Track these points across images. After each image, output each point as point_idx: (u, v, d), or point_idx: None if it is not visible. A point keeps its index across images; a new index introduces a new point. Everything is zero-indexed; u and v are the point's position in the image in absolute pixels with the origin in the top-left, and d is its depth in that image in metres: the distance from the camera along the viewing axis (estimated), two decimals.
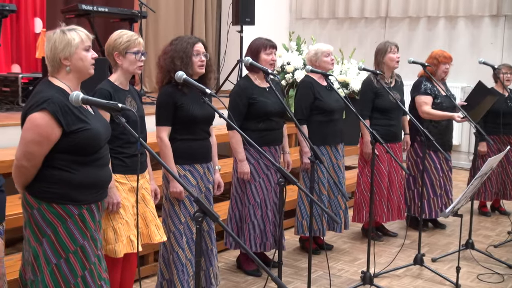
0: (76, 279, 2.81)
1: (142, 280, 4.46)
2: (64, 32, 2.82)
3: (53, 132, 2.70)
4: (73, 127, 2.73)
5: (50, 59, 2.84)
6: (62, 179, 2.77)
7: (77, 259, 2.81)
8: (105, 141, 2.91)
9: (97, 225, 2.92)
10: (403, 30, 9.33)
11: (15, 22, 8.82)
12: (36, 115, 2.70)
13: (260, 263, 2.20)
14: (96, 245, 2.89)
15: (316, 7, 9.98)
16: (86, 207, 2.83)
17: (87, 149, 2.79)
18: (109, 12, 6.96)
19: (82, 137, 2.75)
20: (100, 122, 2.89)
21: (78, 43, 2.81)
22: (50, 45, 2.83)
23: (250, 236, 4.46)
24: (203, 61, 3.76)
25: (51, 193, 2.78)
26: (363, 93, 5.40)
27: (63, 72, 2.84)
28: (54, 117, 2.69)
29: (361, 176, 5.45)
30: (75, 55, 2.81)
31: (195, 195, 2.26)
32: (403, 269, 4.81)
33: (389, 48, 5.32)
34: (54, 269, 2.79)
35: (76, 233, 2.80)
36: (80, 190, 2.80)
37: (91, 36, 2.91)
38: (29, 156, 2.74)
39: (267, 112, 4.41)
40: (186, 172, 3.79)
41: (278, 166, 3.04)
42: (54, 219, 2.78)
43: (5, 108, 5.88)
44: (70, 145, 2.75)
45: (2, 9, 5.97)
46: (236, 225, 4.54)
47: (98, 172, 2.87)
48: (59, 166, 2.77)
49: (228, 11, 8.64)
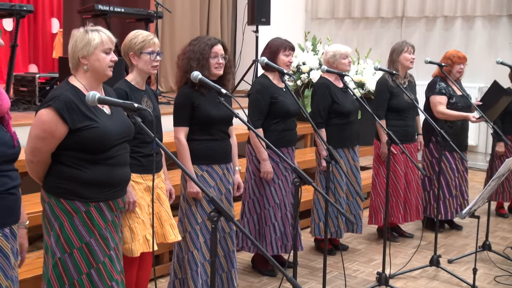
0: (81, 276, 2.82)
1: (157, 279, 4.47)
2: (87, 32, 2.85)
3: (57, 129, 2.73)
4: (79, 124, 2.75)
5: (70, 56, 2.88)
6: (70, 176, 2.80)
7: (82, 256, 2.82)
8: (119, 141, 2.90)
9: (110, 225, 2.91)
10: (419, 30, 9.27)
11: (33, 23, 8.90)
12: (42, 112, 2.75)
13: (275, 263, 2.20)
14: (107, 244, 2.88)
15: (332, 7, 9.95)
16: (94, 205, 2.84)
17: (95, 147, 2.80)
18: (125, 12, 7.00)
19: (88, 135, 2.76)
20: (115, 122, 2.89)
21: (97, 44, 2.84)
22: (72, 43, 2.87)
23: (271, 238, 4.45)
24: (220, 63, 3.75)
25: (59, 188, 2.81)
26: (379, 93, 5.37)
27: (81, 70, 2.87)
28: (59, 114, 2.72)
29: (376, 178, 5.43)
30: (93, 55, 2.84)
31: (210, 195, 2.26)
32: (419, 270, 4.79)
33: (406, 48, 5.29)
34: (58, 263, 2.81)
35: (82, 229, 2.81)
36: (88, 188, 2.81)
37: (114, 40, 2.92)
38: (35, 151, 2.78)
39: (288, 112, 4.42)
40: (203, 172, 3.79)
41: (293, 166, 3.04)
42: (61, 214, 2.81)
43: (22, 108, 5.93)
44: (77, 142, 2.77)
45: (19, 9, 6.02)
46: (255, 228, 4.53)
47: (110, 171, 2.86)
48: (68, 163, 2.80)
49: (244, 11, 8.64)
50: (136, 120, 2.43)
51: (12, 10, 6.00)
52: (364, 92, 7.32)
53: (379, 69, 4.86)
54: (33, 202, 4.00)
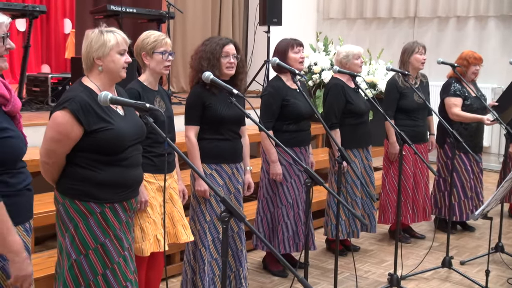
0: (96, 277, 2.82)
1: (169, 279, 4.48)
2: (102, 33, 2.86)
3: (73, 131, 2.73)
4: (94, 126, 2.75)
5: (84, 57, 2.88)
6: (85, 177, 2.80)
7: (98, 257, 2.82)
8: (133, 142, 2.91)
9: (124, 225, 2.92)
10: (432, 30, 9.23)
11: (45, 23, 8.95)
12: (57, 114, 2.74)
13: (286, 264, 2.20)
14: (121, 244, 2.89)
15: (343, 7, 9.92)
16: (109, 206, 2.84)
17: (110, 149, 2.80)
18: (137, 12, 7.02)
19: (104, 136, 2.77)
20: (128, 123, 2.89)
21: (113, 45, 2.84)
22: (87, 43, 2.87)
23: (284, 237, 4.46)
24: (232, 63, 3.76)
25: (74, 190, 2.82)
26: (388, 93, 5.37)
27: (95, 71, 2.87)
28: (75, 116, 2.72)
29: (386, 177, 5.42)
30: (108, 56, 2.84)
31: (221, 195, 2.26)
32: (431, 271, 4.76)
33: (417, 48, 5.28)
34: (73, 264, 2.82)
35: (97, 230, 2.82)
36: (103, 189, 2.82)
37: (129, 41, 2.94)
38: (50, 153, 2.79)
39: (300, 114, 4.42)
40: (212, 171, 3.80)
41: (305, 166, 3.03)
42: (76, 215, 2.82)
43: (35, 108, 5.96)
44: (92, 144, 2.77)
45: (32, 10, 6.06)
46: (268, 227, 4.54)
47: (124, 172, 2.87)
48: (82, 164, 2.80)
49: (255, 11, 8.64)
50: (148, 121, 2.43)
51: (25, 11, 6.04)
52: (376, 93, 7.29)
53: (391, 69, 4.84)
54: (45, 202, 4.03)
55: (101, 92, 2.51)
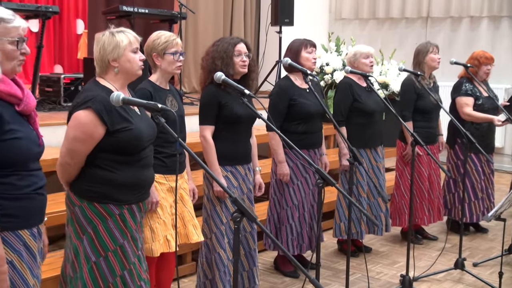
0: (115, 278, 2.82)
1: (180, 279, 4.48)
2: (113, 34, 2.86)
3: (97, 131, 2.73)
4: (117, 126, 2.75)
5: (98, 60, 2.87)
6: (104, 179, 2.80)
7: (117, 258, 2.83)
8: (149, 142, 2.92)
9: (138, 226, 2.94)
10: (444, 30, 9.17)
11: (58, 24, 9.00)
12: (80, 113, 2.73)
13: (298, 264, 2.19)
14: (136, 245, 2.90)
15: (356, 7, 9.89)
16: (127, 207, 2.85)
17: (130, 149, 2.81)
18: (149, 13, 7.03)
19: (125, 136, 2.77)
20: (144, 123, 2.90)
21: (126, 45, 2.85)
22: (99, 46, 2.86)
23: (287, 238, 4.45)
24: (245, 61, 3.76)
25: (93, 192, 2.80)
26: (405, 94, 5.31)
27: (111, 73, 2.88)
28: (98, 116, 2.71)
29: (400, 179, 5.38)
30: (123, 57, 2.84)
31: (233, 195, 2.26)
32: (444, 273, 4.73)
33: (431, 48, 5.25)
34: (93, 267, 2.81)
35: (116, 232, 2.82)
36: (122, 190, 2.82)
37: (139, 38, 2.94)
38: (72, 153, 2.77)
39: (308, 113, 4.39)
40: (228, 173, 3.79)
41: (316, 167, 3.02)
42: (95, 217, 2.81)
43: (47, 108, 5.99)
44: (113, 144, 2.77)
45: (45, 11, 6.09)
46: (275, 227, 4.54)
47: (140, 173, 2.88)
48: (102, 165, 2.80)
49: (267, 12, 8.64)
50: (160, 121, 2.43)
51: (38, 12, 6.07)
52: (388, 93, 7.26)
53: (404, 70, 4.82)
54: (56, 201, 4.04)
55: (113, 93, 2.52)
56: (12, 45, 2.29)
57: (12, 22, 2.29)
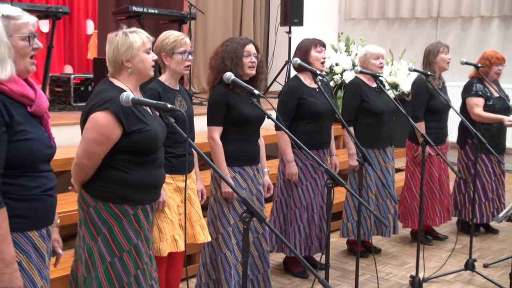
0: (129, 278, 2.83)
1: (189, 279, 4.48)
2: (127, 35, 2.86)
3: (114, 132, 2.73)
4: (134, 127, 2.76)
5: (112, 60, 2.87)
6: (119, 179, 2.80)
7: (131, 258, 2.83)
8: (162, 142, 2.94)
9: (150, 225, 2.96)
10: (455, 30, 9.14)
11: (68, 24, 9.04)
12: (98, 114, 2.72)
13: (307, 265, 2.19)
14: (148, 245, 2.92)
15: (365, 7, 9.86)
16: (141, 208, 2.86)
17: (145, 150, 2.82)
18: (159, 13, 7.04)
19: (141, 137, 2.77)
20: (158, 123, 2.91)
21: (140, 46, 2.85)
22: (113, 47, 2.86)
23: (295, 239, 4.43)
24: (253, 62, 3.75)
25: (108, 193, 2.81)
26: (417, 94, 5.27)
27: (124, 73, 2.88)
28: (116, 117, 2.71)
29: (411, 180, 5.35)
30: (137, 57, 2.85)
31: (242, 196, 2.26)
32: (454, 274, 4.71)
33: (442, 48, 5.23)
34: (108, 267, 2.82)
35: (130, 232, 2.83)
36: (137, 191, 2.83)
37: (152, 39, 2.95)
38: (90, 155, 2.77)
39: (317, 112, 4.38)
40: (236, 174, 3.79)
41: (326, 167, 3.01)
42: (110, 218, 2.81)
43: (57, 108, 6.01)
44: (129, 145, 2.77)
45: (55, 11, 6.11)
46: (280, 228, 4.52)
47: (154, 173, 2.89)
48: (117, 166, 2.80)
49: (277, 12, 8.63)
50: (170, 121, 2.43)
51: (49, 12, 6.09)
52: (398, 94, 7.24)
53: (414, 70, 4.80)
54: (67, 201, 4.05)
55: (122, 93, 2.52)
56: (24, 41, 2.30)
57: (21, 19, 2.30)
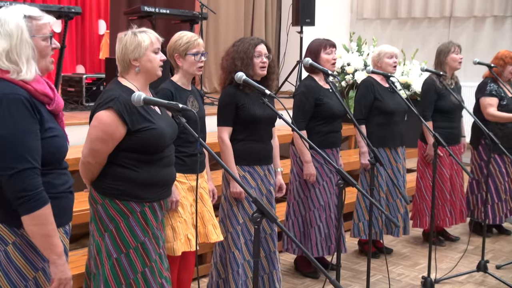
0: (136, 275, 2.85)
1: (200, 279, 4.49)
2: (135, 34, 2.88)
3: (118, 130, 2.75)
4: (138, 126, 2.78)
5: (120, 59, 2.91)
6: (126, 177, 2.82)
7: (138, 255, 2.85)
8: (170, 141, 2.95)
9: (160, 224, 2.96)
10: (467, 30, 9.08)
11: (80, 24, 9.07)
12: (102, 113, 2.76)
13: (318, 265, 2.18)
14: (158, 243, 2.93)
15: (377, 7, 9.83)
16: (148, 205, 2.88)
17: (151, 148, 2.83)
18: (170, 13, 7.06)
19: (146, 136, 2.79)
20: (165, 122, 2.92)
21: (148, 45, 2.87)
22: (121, 46, 2.89)
23: (316, 240, 4.43)
24: (264, 63, 3.76)
25: (114, 190, 2.83)
26: (425, 94, 5.28)
27: (132, 72, 2.90)
28: (119, 116, 2.74)
29: (422, 180, 5.33)
30: (144, 56, 2.87)
31: (253, 196, 2.26)
32: (466, 275, 4.69)
33: (453, 48, 5.20)
34: (115, 264, 2.84)
35: (137, 229, 2.85)
36: (143, 188, 2.84)
37: (161, 39, 2.97)
38: (94, 153, 2.80)
39: (333, 114, 4.39)
40: (245, 173, 3.79)
41: (337, 167, 3.01)
42: (116, 215, 2.84)
43: (69, 108, 6.04)
44: (135, 143, 2.79)
45: (68, 11, 6.14)
46: (299, 231, 4.51)
47: (162, 171, 2.90)
48: (123, 164, 2.82)
49: (288, 12, 8.63)
50: (181, 121, 2.44)
51: (61, 12, 6.13)
52: (410, 94, 7.21)
53: (426, 70, 4.79)
54: (78, 200, 4.03)
55: (134, 93, 2.53)
56: (45, 41, 2.34)
57: (42, 19, 2.36)
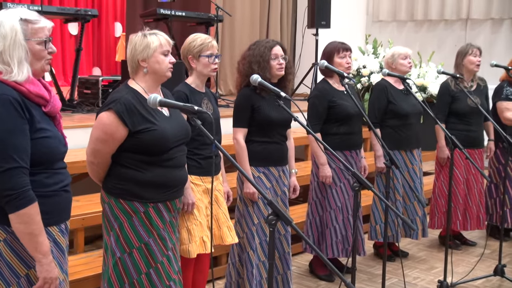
0: (140, 276, 2.86)
1: (215, 281, 4.49)
2: (145, 35, 2.91)
3: (118, 131, 2.78)
4: (139, 127, 2.80)
5: (129, 60, 2.95)
6: (129, 177, 2.85)
7: (142, 256, 2.86)
8: (177, 143, 2.94)
9: (168, 225, 2.95)
10: (485, 32, 9.01)
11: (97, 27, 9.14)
12: (103, 114, 2.81)
13: (333, 268, 2.17)
14: (165, 244, 2.92)
15: (393, 9, 9.79)
16: (152, 206, 2.88)
17: (153, 149, 2.84)
18: (186, 16, 7.09)
19: (147, 137, 2.81)
20: (172, 124, 2.92)
21: (157, 47, 2.89)
22: (131, 47, 2.93)
23: (332, 241, 4.42)
24: (281, 64, 3.77)
25: (119, 189, 2.87)
26: (440, 97, 5.28)
27: (140, 73, 2.93)
28: (119, 117, 2.77)
29: (436, 182, 5.32)
30: (153, 57, 2.89)
31: (268, 198, 2.25)
32: (482, 279, 4.64)
33: (470, 50, 5.16)
34: (118, 262, 2.86)
35: (141, 230, 2.86)
36: (147, 189, 2.86)
37: (171, 42, 2.99)
38: (96, 153, 2.85)
39: (348, 115, 4.37)
40: (260, 174, 3.80)
41: (353, 170, 3.00)
42: (120, 214, 2.86)
43: (86, 110, 6.08)
44: (136, 144, 2.81)
45: (84, 14, 6.19)
46: (317, 231, 4.51)
47: (167, 173, 2.90)
48: (127, 164, 2.85)
49: (304, 14, 8.62)
50: (196, 123, 2.44)
51: (78, 15, 6.18)
52: (426, 96, 7.17)
53: (442, 72, 4.76)
54: (93, 202, 4.09)
55: (150, 95, 2.54)
56: (40, 45, 2.35)
57: (39, 23, 2.36)
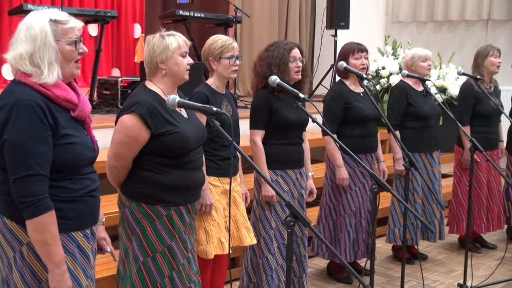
0: (163, 279, 2.85)
1: (233, 282, 4.48)
2: (163, 37, 2.89)
3: (141, 134, 2.77)
4: (161, 129, 2.78)
5: (147, 62, 2.93)
6: (151, 180, 2.83)
7: (165, 259, 2.85)
8: (196, 145, 2.93)
9: (188, 227, 2.95)
10: (506, 33, 8.91)
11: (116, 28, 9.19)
12: (125, 117, 2.78)
13: (352, 271, 2.16)
14: (185, 246, 2.91)
15: (413, 10, 9.71)
16: (174, 209, 2.87)
17: (175, 152, 2.83)
18: (205, 17, 7.10)
19: (170, 139, 2.79)
20: (192, 126, 2.92)
21: (175, 48, 2.88)
22: (149, 48, 2.91)
23: (345, 245, 4.39)
24: (299, 67, 3.76)
25: (140, 193, 2.84)
26: (463, 98, 5.18)
27: (159, 75, 2.91)
28: (142, 120, 2.75)
29: (458, 186, 5.24)
30: (171, 59, 2.88)
31: (287, 199, 2.25)
32: (503, 283, 4.59)
33: (491, 51, 5.10)
34: (141, 267, 2.85)
35: (163, 233, 2.85)
36: (169, 192, 2.84)
37: (189, 43, 2.97)
38: (118, 156, 2.82)
39: (364, 117, 4.34)
40: (278, 177, 3.79)
41: (372, 172, 2.98)
42: (143, 218, 2.85)
43: (105, 111, 6.11)
44: (158, 147, 2.80)
45: (104, 15, 6.22)
46: (330, 235, 4.48)
47: (188, 175, 2.90)
48: (148, 167, 2.83)
49: (323, 15, 8.59)
50: (215, 124, 2.43)
51: (97, 16, 6.22)
52: (446, 98, 7.11)
53: (463, 73, 4.71)
54: (111, 203, 4.10)
55: (168, 96, 2.54)
56: (71, 45, 2.33)
57: (69, 23, 2.34)
